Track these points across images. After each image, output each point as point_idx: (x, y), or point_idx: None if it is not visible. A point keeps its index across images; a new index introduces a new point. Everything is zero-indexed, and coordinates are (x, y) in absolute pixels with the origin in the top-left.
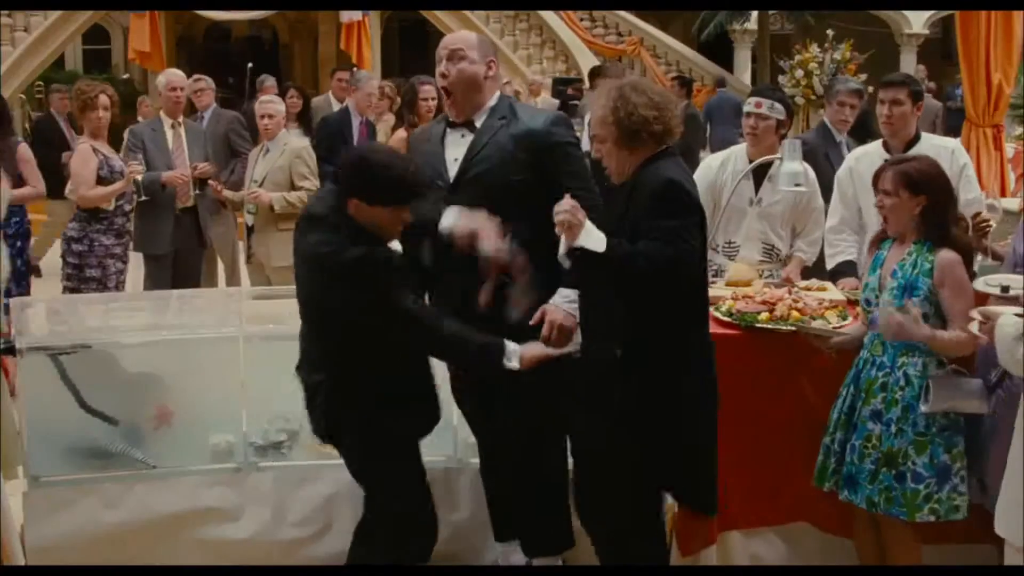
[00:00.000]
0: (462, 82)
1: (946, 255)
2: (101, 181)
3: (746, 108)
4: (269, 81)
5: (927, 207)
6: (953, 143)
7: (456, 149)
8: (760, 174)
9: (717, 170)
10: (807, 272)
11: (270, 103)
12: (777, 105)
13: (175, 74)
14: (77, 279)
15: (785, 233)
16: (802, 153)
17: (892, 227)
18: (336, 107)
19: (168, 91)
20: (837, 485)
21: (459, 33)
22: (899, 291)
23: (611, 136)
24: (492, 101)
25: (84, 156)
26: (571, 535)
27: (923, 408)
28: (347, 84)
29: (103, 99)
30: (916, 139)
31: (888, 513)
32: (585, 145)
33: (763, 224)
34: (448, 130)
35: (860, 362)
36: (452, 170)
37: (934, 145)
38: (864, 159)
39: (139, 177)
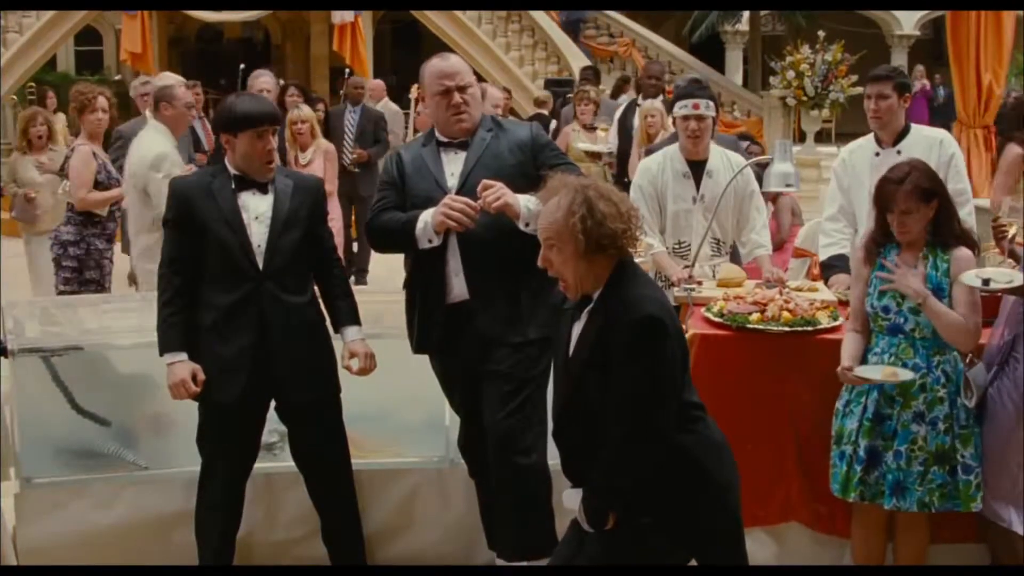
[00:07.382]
0: (479, 109)
1: (962, 253)
2: (98, 185)
3: (683, 112)
4: (263, 77)
5: (939, 210)
6: (942, 134)
7: (453, 165)
8: (697, 171)
9: (657, 174)
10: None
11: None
12: (711, 103)
13: (173, 78)
14: (77, 282)
15: (729, 225)
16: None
17: (910, 237)
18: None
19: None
20: (864, 495)
21: (457, 63)
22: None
23: (572, 245)
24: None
25: (84, 158)
26: (553, 540)
27: (970, 403)
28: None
29: (102, 101)
30: (906, 131)
31: (943, 509)
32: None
33: (709, 219)
34: (441, 149)
35: None
36: (454, 182)
37: (923, 136)
38: (858, 151)
39: None
